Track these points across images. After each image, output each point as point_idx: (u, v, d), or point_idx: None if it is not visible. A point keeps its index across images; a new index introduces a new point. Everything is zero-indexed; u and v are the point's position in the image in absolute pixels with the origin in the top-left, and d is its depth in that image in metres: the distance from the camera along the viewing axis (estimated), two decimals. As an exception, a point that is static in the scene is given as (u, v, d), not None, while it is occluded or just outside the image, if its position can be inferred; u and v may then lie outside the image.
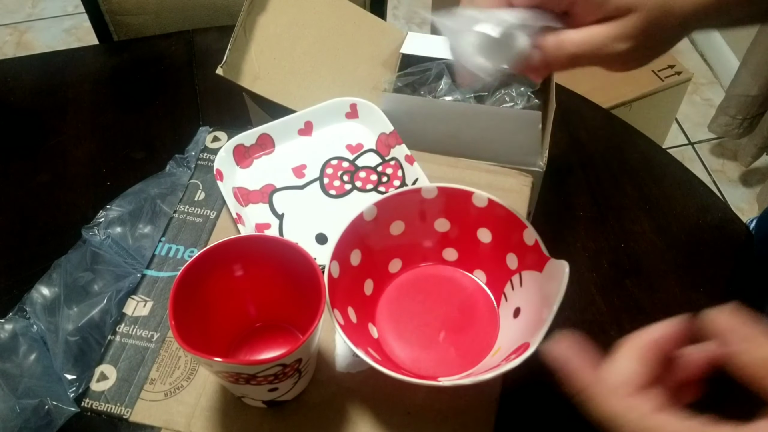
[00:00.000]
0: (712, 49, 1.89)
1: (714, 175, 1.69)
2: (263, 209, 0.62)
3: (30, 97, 0.79)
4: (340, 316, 0.48)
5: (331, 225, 0.61)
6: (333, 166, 0.65)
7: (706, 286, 0.63)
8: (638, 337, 0.36)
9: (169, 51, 0.84)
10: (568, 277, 0.45)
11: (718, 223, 0.69)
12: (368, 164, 0.65)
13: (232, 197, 0.61)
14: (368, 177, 0.64)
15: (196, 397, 0.52)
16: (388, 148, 0.65)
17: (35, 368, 0.55)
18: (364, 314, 0.53)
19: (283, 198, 0.63)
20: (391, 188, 0.62)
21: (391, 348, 0.53)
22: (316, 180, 0.64)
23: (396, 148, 0.64)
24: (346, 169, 0.64)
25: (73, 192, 0.69)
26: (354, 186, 0.63)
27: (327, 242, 0.60)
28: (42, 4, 2.04)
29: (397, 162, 0.64)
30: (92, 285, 0.59)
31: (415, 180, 0.62)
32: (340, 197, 0.63)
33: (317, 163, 0.65)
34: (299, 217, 0.62)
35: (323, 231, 0.60)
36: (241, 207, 0.61)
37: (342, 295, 0.50)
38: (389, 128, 0.64)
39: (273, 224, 0.61)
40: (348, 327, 0.48)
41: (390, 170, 0.64)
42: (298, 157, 0.65)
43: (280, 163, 0.65)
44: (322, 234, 0.60)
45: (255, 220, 0.61)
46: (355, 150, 0.66)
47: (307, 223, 0.61)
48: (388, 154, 0.65)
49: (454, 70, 0.51)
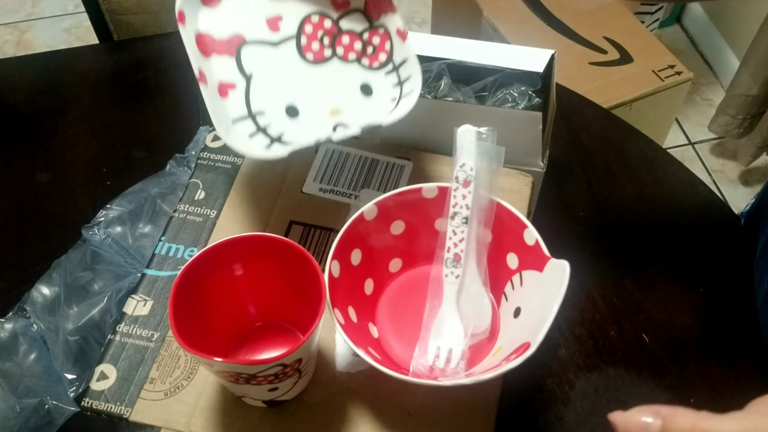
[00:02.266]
0: (712, 49, 1.89)
1: (714, 175, 1.69)
2: (229, 64, 0.54)
3: (30, 97, 0.79)
4: (341, 316, 0.48)
5: (304, 96, 0.54)
6: (313, 24, 0.56)
7: (706, 286, 0.63)
8: None
9: (170, 50, 0.84)
10: (568, 277, 0.45)
11: (718, 222, 0.69)
12: (353, 28, 0.57)
13: (195, 45, 0.53)
14: (351, 44, 0.56)
15: (196, 396, 0.52)
16: (378, 12, 0.56)
17: (35, 368, 0.55)
18: (364, 314, 0.53)
19: (253, 54, 0.55)
20: (376, 62, 0.56)
21: (391, 347, 0.53)
22: (291, 38, 0.56)
23: (388, 15, 0.56)
24: (328, 30, 0.56)
25: (73, 191, 0.69)
26: (335, 53, 0.56)
27: (298, 116, 0.53)
28: (42, 3, 2.04)
29: (387, 32, 0.56)
30: (92, 284, 0.59)
31: (404, 61, 0.55)
32: (318, 64, 0.55)
33: (295, 17, 0.56)
34: (269, 80, 0.54)
35: (295, 103, 0.53)
36: (203, 58, 0.53)
37: (342, 294, 0.50)
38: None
39: (239, 85, 0.54)
40: (348, 327, 0.48)
41: (377, 39, 0.56)
42: (274, 5, 0.56)
43: (253, 9, 0.56)
44: (293, 106, 0.53)
45: (218, 78, 0.53)
46: (341, 6, 0.57)
47: (277, 89, 0.54)
48: (377, 18, 0.56)
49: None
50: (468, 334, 0.52)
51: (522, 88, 0.68)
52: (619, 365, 0.58)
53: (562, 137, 0.75)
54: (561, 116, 0.76)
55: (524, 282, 0.51)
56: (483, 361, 0.51)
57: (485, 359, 0.52)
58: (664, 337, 0.60)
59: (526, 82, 0.68)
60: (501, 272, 0.53)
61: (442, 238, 0.53)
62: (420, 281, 0.56)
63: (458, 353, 0.51)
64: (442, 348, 0.51)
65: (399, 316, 0.55)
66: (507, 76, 0.68)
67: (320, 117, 0.54)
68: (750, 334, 0.60)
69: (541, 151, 0.63)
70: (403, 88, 0.55)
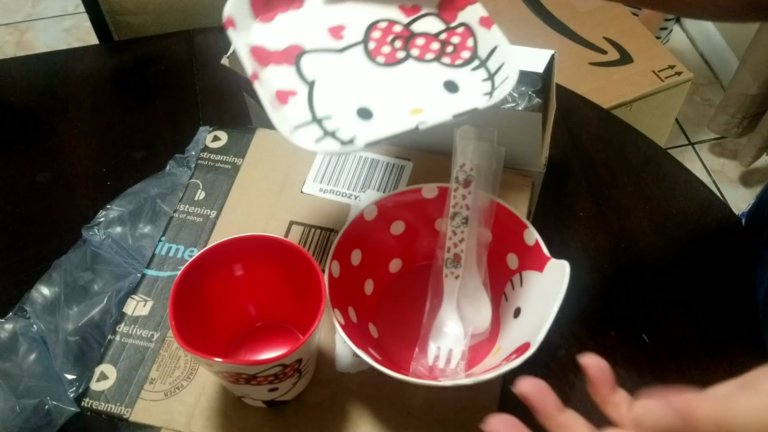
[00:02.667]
0: (712, 49, 1.89)
1: (714, 175, 1.69)
2: (288, 72, 0.47)
3: (30, 97, 0.79)
4: (341, 316, 0.48)
5: (378, 97, 0.47)
6: (381, 29, 0.50)
7: (706, 286, 0.63)
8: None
9: (170, 51, 0.84)
10: (568, 277, 0.45)
11: (718, 223, 0.69)
12: (427, 30, 0.50)
13: (248, 53, 0.47)
14: (428, 45, 0.49)
15: (196, 396, 0.52)
16: (455, 11, 0.50)
17: (35, 368, 0.55)
18: (364, 314, 0.53)
19: (315, 61, 0.48)
20: (458, 59, 0.49)
21: (391, 348, 0.53)
22: (359, 44, 0.49)
23: (467, 9, 0.49)
24: (399, 33, 0.50)
25: (73, 192, 0.69)
26: (409, 54, 0.49)
27: (372, 118, 0.46)
28: (42, 3, 2.04)
29: (468, 28, 0.49)
30: (92, 285, 0.59)
31: (494, 49, 0.48)
32: (391, 66, 0.48)
33: (361, 25, 0.50)
34: (335, 84, 0.47)
35: (367, 105, 0.46)
36: (259, 66, 0.47)
37: (342, 294, 0.50)
38: None
39: (300, 91, 0.47)
40: (348, 327, 0.48)
41: (457, 39, 0.49)
42: (335, 15, 0.50)
43: (311, 21, 0.50)
44: (365, 108, 0.46)
45: (275, 86, 0.47)
46: (411, 12, 0.51)
47: (345, 92, 0.47)
48: (454, 19, 0.50)
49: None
50: (468, 334, 0.52)
51: (522, 89, 0.68)
52: (619, 365, 0.58)
53: (562, 137, 0.75)
54: (561, 116, 0.76)
55: (524, 282, 0.51)
56: (483, 361, 0.51)
57: (485, 359, 0.52)
58: (664, 337, 0.60)
59: (526, 83, 0.68)
60: (501, 272, 0.53)
61: (442, 238, 0.53)
62: (420, 281, 0.56)
63: (458, 354, 0.51)
64: (441, 348, 0.51)
65: (399, 317, 0.55)
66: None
67: (399, 116, 0.47)
68: (750, 334, 0.60)
69: (541, 151, 0.63)
70: (495, 80, 0.48)
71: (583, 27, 1.36)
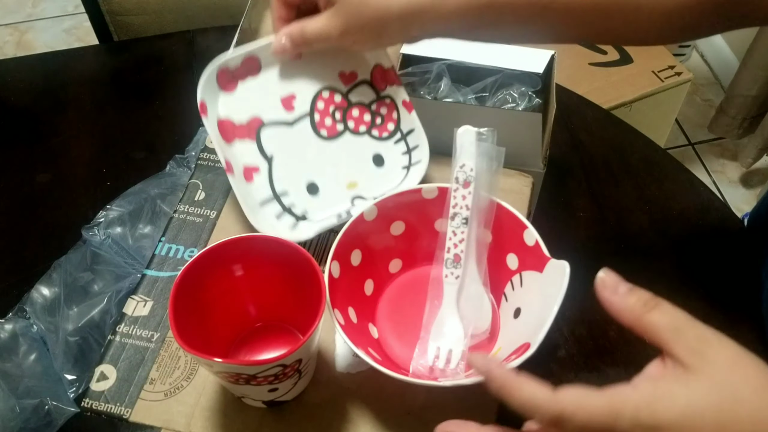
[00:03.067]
0: (712, 50, 1.89)
1: (714, 176, 1.69)
2: (251, 148, 0.58)
3: (30, 97, 0.79)
4: (341, 316, 0.48)
5: (322, 172, 0.59)
6: (324, 100, 0.60)
7: (706, 286, 0.63)
8: None
9: (170, 51, 0.84)
10: (568, 278, 0.45)
11: (718, 223, 0.69)
12: (362, 100, 0.61)
13: (218, 133, 0.57)
14: (361, 116, 0.61)
15: (195, 397, 0.52)
16: (384, 83, 0.61)
17: (35, 368, 0.55)
18: (364, 314, 0.53)
19: (272, 136, 0.59)
20: (385, 132, 0.61)
21: (391, 348, 0.53)
22: (306, 116, 0.60)
23: (393, 87, 0.61)
24: (339, 104, 0.60)
25: (73, 192, 0.69)
26: (346, 126, 0.60)
27: (318, 192, 0.59)
28: (42, 4, 2.04)
29: (393, 102, 0.61)
30: (92, 285, 0.59)
31: (411, 130, 0.60)
32: (332, 140, 0.60)
33: (307, 94, 0.60)
34: (289, 160, 0.59)
35: (314, 179, 0.59)
36: (227, 145, 0.57)
37: (342, 295, 0.50)
38: (388, 63, 0.60)
39: (262, 168, 0.58)
40: (348, 327, 0.48)
41: (384, 110, 0.61)
42: (287, 85, 0.60)
43: (267, 91, 0.59)
44: (313, 183, 0.59)
45: (243, 162, 0.58)
46: (349, 80, 0.61)
47: (297, 168, 0.59)
48: (384, 89, 0.61)
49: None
50: (468, 334, 0.52)
51: (522, 89, 0.68)
52: (619, 366, 0.58)
53: (562, 138, 0.75)
54: (561, 117, 0.76)
55: (524, 282, 0.51)
56: None
57: None
58: (664, 337, 0.59)
59: (527, 83, 0.68)
60: (501, 273, 0.53)
61: (442, 238, 0.53)
62: (420, 282, 0.56)
63: (458, 354, 0.51)
64: (442, 348, 0.51)
65: (399, 317, 0.55)
66: (507, 76, 0.68)
67: (339, 191, 0.59)
68: (750, 334, 0.60)
69: (541, 151, 0.63)
70: (411, 157, 0.60)
71: (583, 27, 1.36)
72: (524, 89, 0.68)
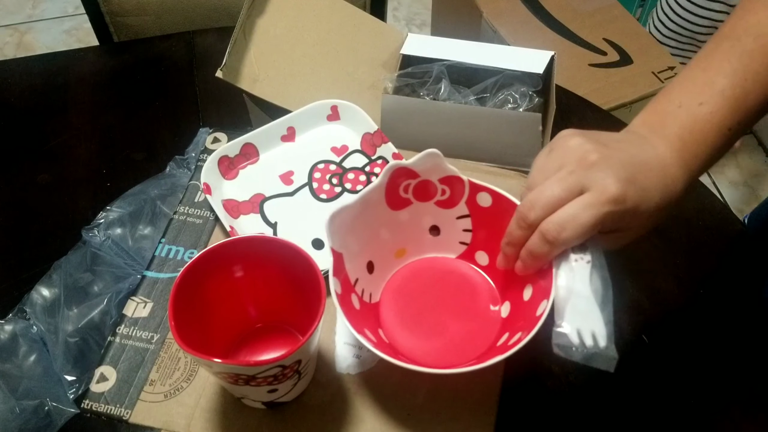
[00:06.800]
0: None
1: (714, 176, 1.69)
2: (255, 220, 0.62)
3: (30, 98, 0.79)
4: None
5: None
6: (320, 170, 0.65)
7: (706, 286, 0.63)
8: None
9: (170, 52, 0.84)
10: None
11: (718, 223, 0.69)
12: (356, 165, 0.65)
13: (223, 210, 0.61)
14: (357, 178, 0.64)
15: (195, 398, 0.52)
16: (373, 147, 0.65)
17: (35, 369, 0.55)
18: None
19: (274, 206, 0.62)
20: None
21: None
22: (305, 186, 0.64)
23: (382, 146, 0.64)
24: (334, 171, 0.65)
25: (74, 193, 0.69)
26: (344, 188, 0.64)
27: (324, 247, 0.60)
28: (42, 5, 2.05)
29: (385, 161, 0.64)
30: (92, 286, 0.59)
31: None
32: (331, 200, 0.63)
33: (304, 168, 0.65)
34: (292, 224, 0.62)
35: (319, 236, 0.60)
36: (232, 219, 0.61)
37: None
38: (373, 127, 0.65)
39: (267, 233, 0.61)
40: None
41: (378, 169, 0.64)
42: (284, 164, 0.65)
43: (266, 172, 0.65)
44: (317, 239, 0.60)
45: (249, 232, 0.61)
46: (341, 152, 0.66)
47: (301, 229, 0.61)
48: (374, 153, 0.65)
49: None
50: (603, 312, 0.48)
51: (522, 89, 0.68)
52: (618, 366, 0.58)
53: (562, 138, 0.75)
54: (561, 117, 0.76)
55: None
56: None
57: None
58: (664, 337, 0.59)
59: (527, 83, 0.68)
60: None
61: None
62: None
63: (602, 332, 0.46)
64: (583, 330, 0.46)
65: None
66: (507, 77, 0.68)
67: None
68: (750, 334, 0.60)
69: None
70: None
71: (583, 28, 1.36)
72: (524, 89, 0.68)
